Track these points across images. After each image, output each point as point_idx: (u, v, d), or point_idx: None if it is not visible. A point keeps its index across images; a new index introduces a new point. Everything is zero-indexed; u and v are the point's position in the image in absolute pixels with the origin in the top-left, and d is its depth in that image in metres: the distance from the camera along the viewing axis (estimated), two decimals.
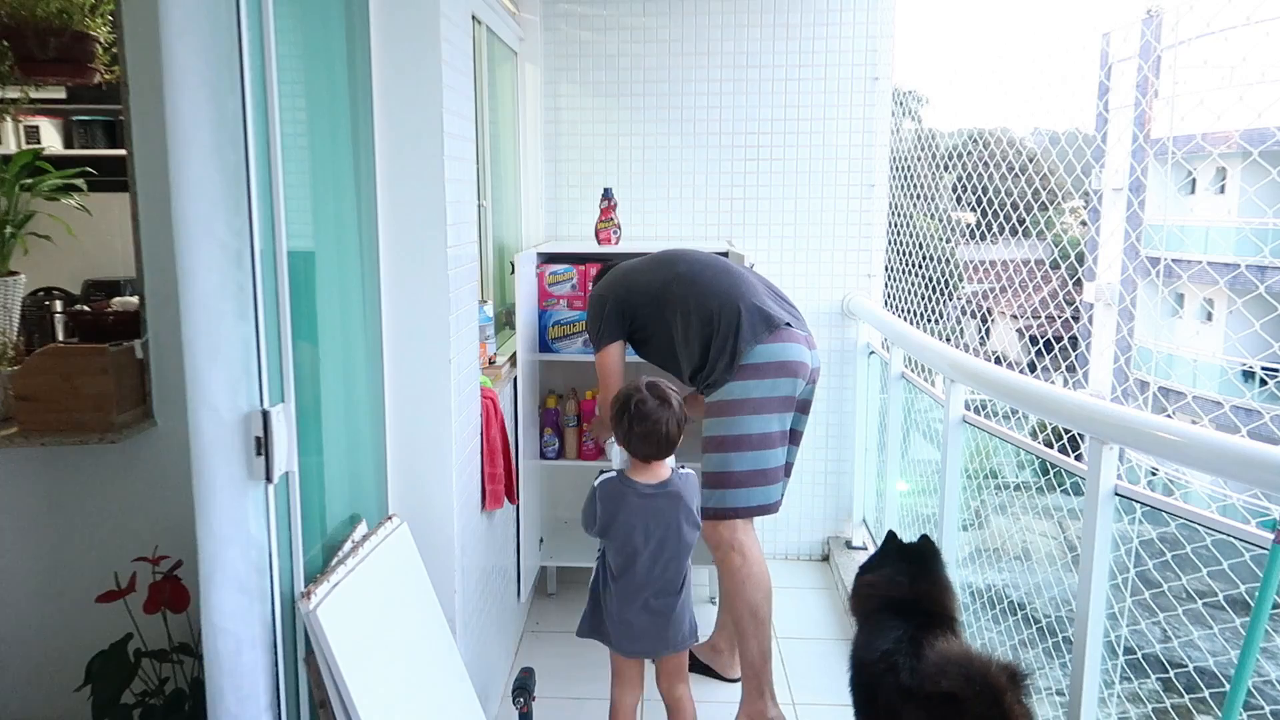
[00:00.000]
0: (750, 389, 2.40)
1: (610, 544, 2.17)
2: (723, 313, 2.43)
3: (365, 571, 1.62)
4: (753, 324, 2.41)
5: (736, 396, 2.41)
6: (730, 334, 2.41)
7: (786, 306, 2.56)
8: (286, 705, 1.48)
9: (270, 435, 1.37)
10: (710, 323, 2.44)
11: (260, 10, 1.36)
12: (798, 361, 2.43)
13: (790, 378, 2.42)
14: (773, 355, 2.40)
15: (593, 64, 3.60)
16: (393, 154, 1.90)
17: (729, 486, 2.44)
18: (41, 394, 1.96)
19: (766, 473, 2.44)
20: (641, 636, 2.18)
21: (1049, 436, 2.32)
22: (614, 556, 2.17)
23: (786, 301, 2.59)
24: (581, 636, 2.27)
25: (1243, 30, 3.15)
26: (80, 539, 2.11)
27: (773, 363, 2.40)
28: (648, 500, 2.13)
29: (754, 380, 2.40)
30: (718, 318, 2.43)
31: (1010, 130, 4.69)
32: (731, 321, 2.42)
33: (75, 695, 1.89)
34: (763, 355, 2.40)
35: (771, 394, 2.41)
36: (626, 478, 2.15)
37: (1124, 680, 2.07)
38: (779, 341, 2.41)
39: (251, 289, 1.35)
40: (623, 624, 2.18)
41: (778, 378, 2.40)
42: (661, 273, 2.59)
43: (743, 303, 2.43)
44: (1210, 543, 1.72)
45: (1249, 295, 3.24)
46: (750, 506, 2.45)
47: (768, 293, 2.55)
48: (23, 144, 3.08)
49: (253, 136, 1.34)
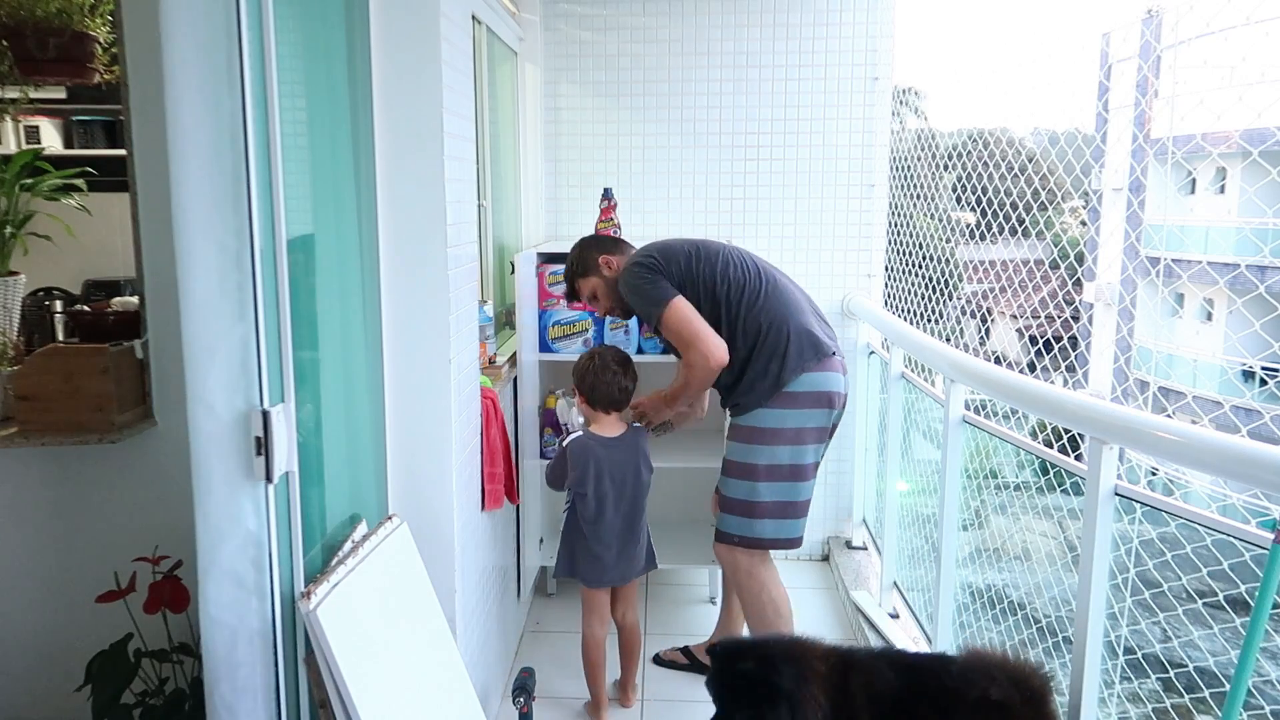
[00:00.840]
0: (786, 418, 2.32)
1: (582, 493, 2.50)
2: (770, 332, 2.32)
3: (365, 571, 1.62)
4: (800, 350, 2.31)
5: (772, 425, 2.33)
6: (776, 356, 2.31)
7: (828, 329, 2.44)
8: (286, 705, 1.48)
9: (270, 435, 1.37)
10: (756, 338, 2.33)
11: (260, 10, 1.36)
12: (836, 392, 2.36)
13: (827, 409, 2.35)
14: (815, 385, 2.32)
15: (593, 64, 3.60)
16: (393, 154, 1.90)
17: (756, 516, 2.37)
18: (42, 394, 1.96)
19: (796, 505, 2.39)
20: (610, 568, 2.54)
21: (1049, 436, 2.32)
22: (586, 503, 2.49)
23: (826, 322, 2.47)
24: (559, 576, 2.67)
25: (1243, 30, 3.15)
26: (80, 539, 2.11)
27: (813, 393, 2.32)
28: (610, 450, 2.50)
29: (792, 410, 2.32)
30: (764, 335, 2.32)
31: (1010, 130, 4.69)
32: (778, 343, 2.31)
33: (75, 695, 1.89)
34: (806, 384, 2.31)
35: (808, 424, 2.33)
36: (591, 433, 2.52)
37: (1124, 680, 2.07)
38: (824, 371, 2.32)
39: (251, 289, 1.35)
40: (594, 559, 2.52)
41: (815, 408, 2.33)
42: (716, 268, 2.39)
43: (792, 324, 2.32)
44: (1210, 543, 1.72)
45: (1249, 295, 3.24)
46: (777, 539, 2.39)
47: (813, 312, 2.44)
48: (23, 144, 3.08)
49: (253, 136, 1.34)
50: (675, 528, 3.54)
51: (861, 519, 3.68)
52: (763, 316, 2.34)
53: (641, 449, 2.55)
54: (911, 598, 2.99)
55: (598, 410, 2.53)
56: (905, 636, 2.84)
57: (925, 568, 2.87)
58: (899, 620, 2.96)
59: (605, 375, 2.49)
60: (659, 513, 3.39)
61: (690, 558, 3.37)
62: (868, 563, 3.51)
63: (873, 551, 3.57)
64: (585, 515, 2.51)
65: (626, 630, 2.66)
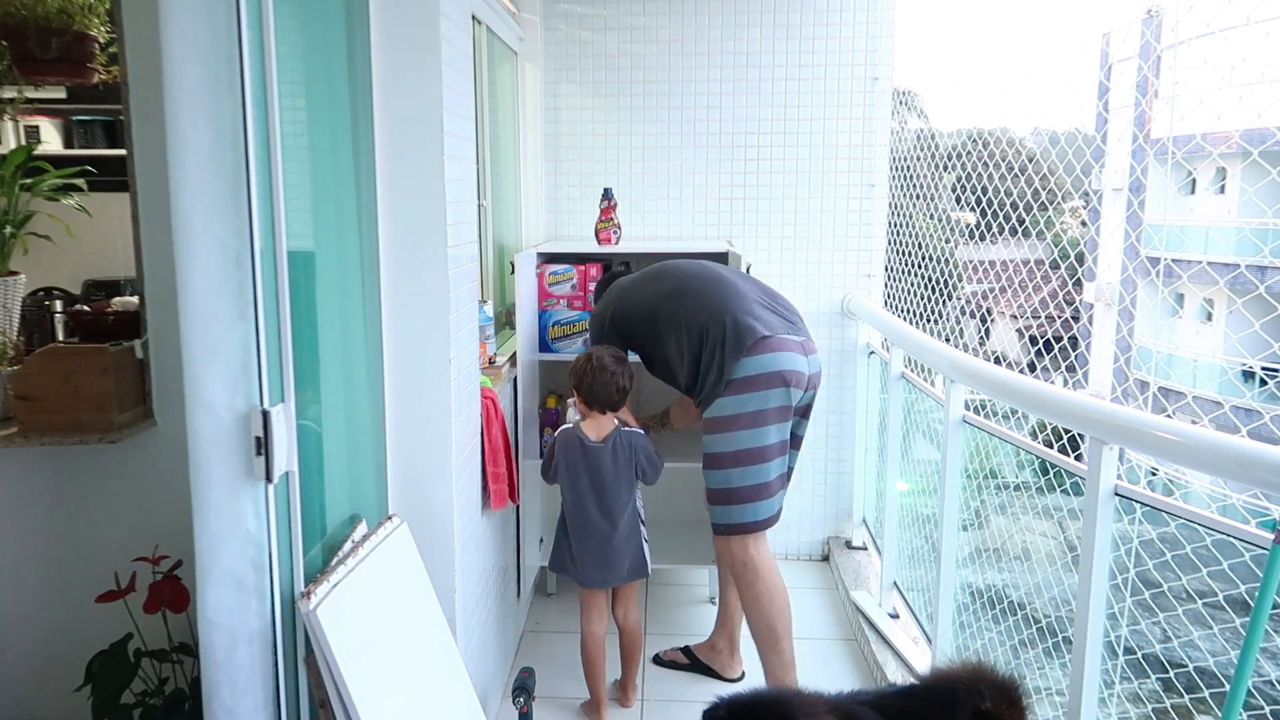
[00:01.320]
0: (743, 403, 2.39)
1: (564, 490, 2.56)
2: (709, 327, 2.42)
3: (365, 571, 1.62)
4: (738, 337, 2.39)
5: (730, 412, 2.40)
6: (716, 348, 2.40)
7: (781, 313, 2.52)
8: (287, 705, 1.48)
9: (270, 435, 1.37)
10: (699, 338, 2.44)
11: (260, 10, 1.36)
12: (790, 370, 2.39)
13: (783, 387, 2.39)
14: (762, 367, 2.38)
15: (593, 64, 3.60)
16: (393, 154, 1.90)
17: (733, 503, 2.43)
18: (41, 394, 1.96)
19: (765, 486, 2.43)
20: (595, 569, 2.56)
21: (1049, 436, 2.32)
22: (567, 502, 2.56)
23: (781, 306, 2.55)
24: (553, 570, 2.68)
25: (1243, 30, 3.15)
26: (80, 539, 2.11)
27: (762, 375, 2.38)
28: (592, 452, 2.53)
29: (745, 394, 2.38)
30: (705, 333, 2.43)
31: (1010, 130, 4.69)
32: (717, 336, 2.40)
33: (75, 695, 1.89)
34: (751, 368, 2.37)
35: (764, 406, 2.38)
36: (580, 430, 2.56)
37: (1124, 680, 2.07)
38: (767, 352, 2.38)
39: (251, 289, 1.35)
40: (580, 559, 2.56)
41: (769, 389, 2.38)
42: (652, 290, 2.60)
43: (728, 316, 2.41)
44: (1210, 543, 1.72)
45: (1249, 295, 3.24)
46: (757, 521, 2.44)
47: (760, 300, 2.51)
48: (22, 144, 3.08)
49: (252, 136, 1.34)
50: (675, 528, 3.54)
51: (861, 519, 3.68)
52: (701, 317, 2.45)
53: (626, 454, 2.54)
54: (911, 598, 2.99)
55: (593, 410, 2.55)
56: (905, 637, 2.84)
57: (925, 568, 2.87)
58: (899, 620, 2.96)
59: (603, 375, 2.51)
60: (659, 513, 3.39)
61: (690, 558, 3.37)
62: (868, 563, 3.51)
63: (873, 551, 3.57)
64: (567, 511, 2.57)
65: (627, 631, 2.67)
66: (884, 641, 2.87)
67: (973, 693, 1.58)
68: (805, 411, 2.53)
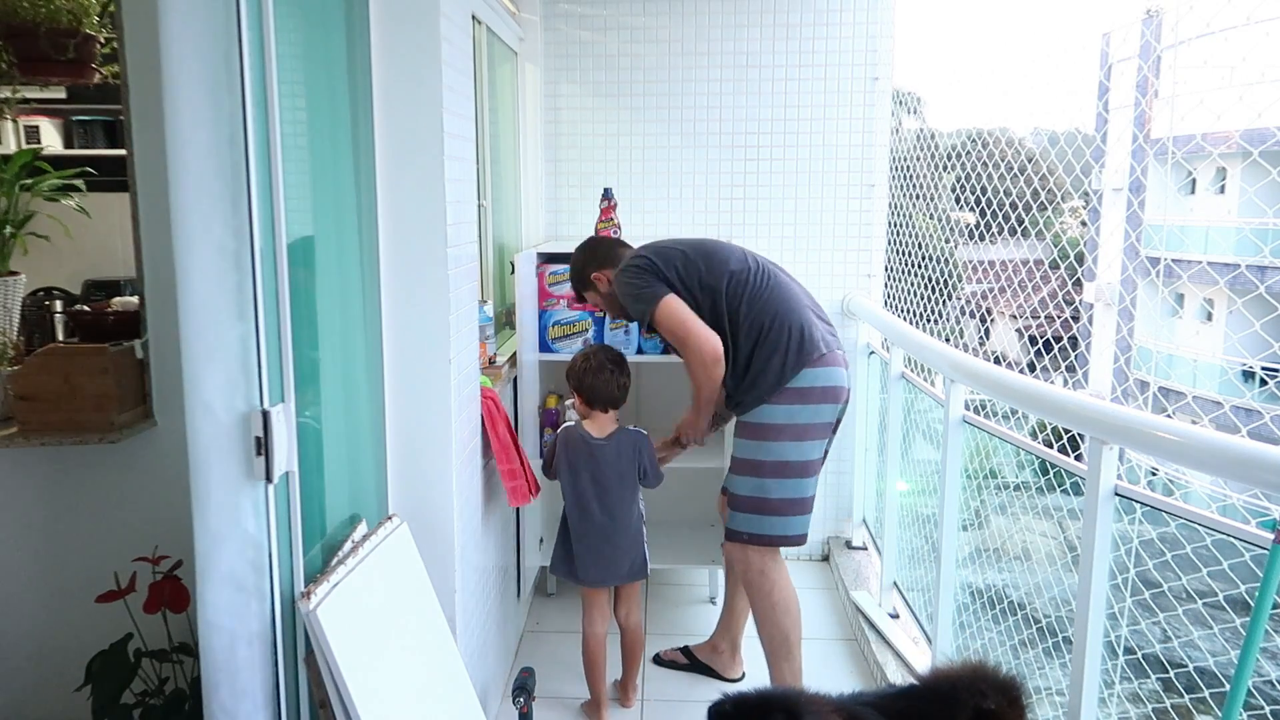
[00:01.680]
0: (794, 414, 2.32)
1: (565, 489, 2.56)
2: (772, 328, 2.33)
3: (365, 571, 1.62)
4: (802, 346, 2.31)
5: (779, 421, 2.33)
6: (779, 352, 2.32)
7: (828, 321, 2.46)
8: (287, 705, 1.48)
9: (270, 435, 1.37)
10: (759, 335, 2.34)
11: (260, 10, 1.36)
12: (840, 386, 2.37)
13: (833, 404, 2.36)
14: (818, 380, 2.32)
15: (593, 64, 3.60)
16: (393, 154, 1.90)
17: (766, 513, 2.37)
18: (41, 394, 1.95)
19: (803, 501, 2.39)
20: (596, 567, 2.55)
21: (1049, 436, 2.32)
22: (569, 500, 2.55)
23: (827, 319, 2.48)
24: (553, 573, 2.69)
25: (1243, 30, 3.15)
26: (80, 539, 2.11)
27: (818, 388, 2.32)
28: (595, 450, 2.52)
29: (798, 405, 2.32)
30: (766, 332, 2.33)
31: (1010, 130, 4.69)
32: (780, 339, 2.32)
33: (75, 695, 1.89)
34: (810, 380, 2.32)
35: (814, 420, 2.34)
36: (582, 428, 2.55)
37: (1124, 680, 2.07)
38: (827, 365, 2.33)
39: (251, 289, 1.35)
40: (581, 558, 2.55)
41: (821, 404, 2.33)
42: (716, 265, 2.41)
43: (793, 320, 2.33)
44: (1210, 543, 1.72)
45: (1249, 295, 3.24)
46: (788, 536, 2.39)
47: (812, 308, 2.44)
48: (23, 144, 3.08)
49: (252, 136, 1.34)
50: (675, 528, 3.54)
51: (861, 519, 3.68)
52: (765, 313, 2.35)
53: (629, 454, 2.53)
54: (911, 598, 2.99)
55: (595, 409, 2.54)
56: (905, 637, 2.84)
57: (925, 568, 2.87)
58: (899, 620, 2.96)
59: (603, 375, 2.50)
60: (659, 513, 3.39)
61: (690, 558, 3.37)
62: (868, 563, 3.51)
63: (873, 551, 3.57)
64: (568, 508, 2.56)
65: (629, 632, 2.67)
66: (884, 641, 2.87)
67: (974, 691, 1.58)
68: (837, 427, 2.47)
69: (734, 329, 2.37)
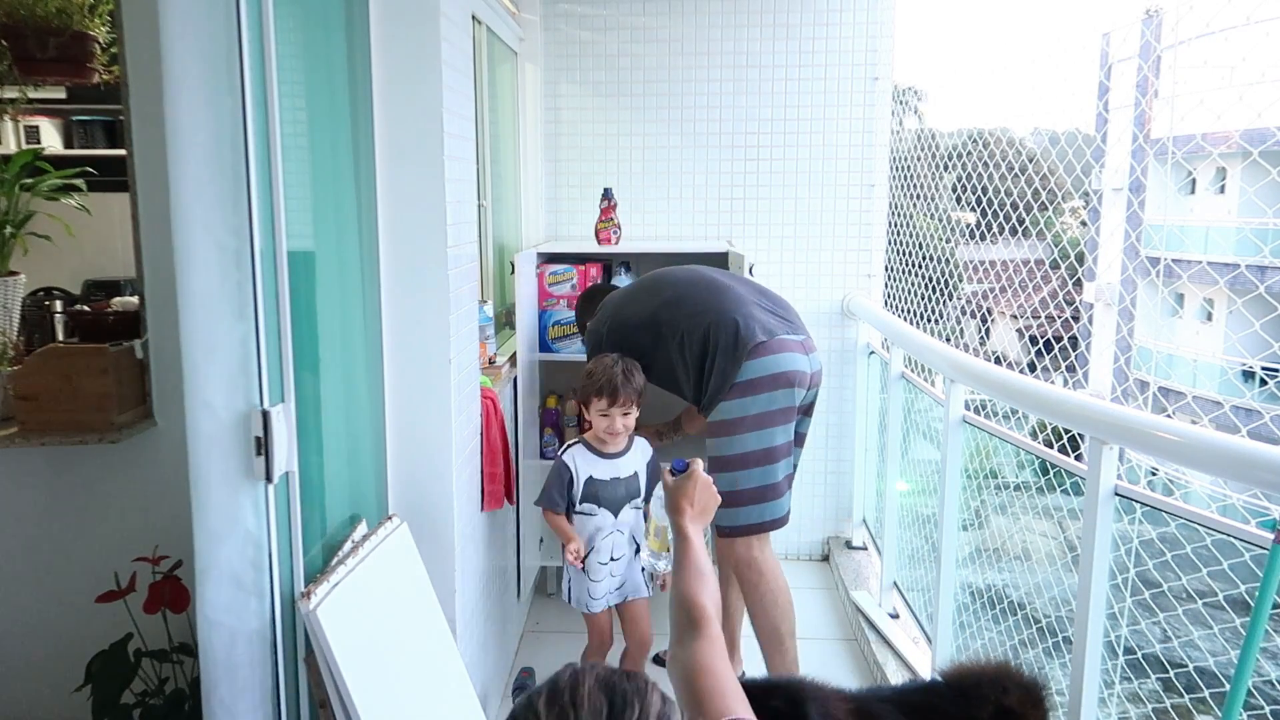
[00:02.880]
0: (747, 405, 2.39)
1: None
2: (710, 332, 2.41)
3: (365, 571, 1.62)
4: (739, 341, 2.38)
5: (735, 415, 2.40)
6: (721, 352, 2.40)
7: (779, 313, 2.52)
8: (286, 705, 1.48)
9: (270, 435, 1.37)
10: (702, 344, 2.43)
11: (260, 10, 1.36)
12: (793, 371, 2.40)
13: (787, 388, 2.39)
14: (765, 369, 2.38)
15: (593, 64, 3.60)
16: (393, 154, 1.90)
17: (739, 504, 2.42)
18: (42, 394, 1.96)
19: (774, 487, 2.43)
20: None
21: (1049, 436, 2.32)
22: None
23: (780, 306, 2.55)
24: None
25: (1243, 30, 3.15)
26: (80, 539, 2.11)
27: (766, 376, 2.38)
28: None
29: (750, 397, 2.38)
30: (707, 338, 2.42)
31: (1010, 130, 4.69)
32: (718, 341, 2.40)
33: (75, 695, 1.89)
34: (755, 370, 2.38)
35: (769, 408, 2.39)
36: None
37: (1124, 680, 2.07)
38: (770, 354, 2.39)
39: (251, 289, 1.35)
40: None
41: (774, 390, 2.38)
42: (650, 299, 2.58)
43: (728, 319, 2.41)
44: (1210, 543, 1.72)
45: (1249, 295, 3.24)
46: (762, 522, 2.44)
47: (758, 302, 2.51)
48: (23, 144, 3.08)
49: (252, 136, 1.34)
50: None
51: (861, 519, 3.68)
52: (702, 323, 2.44)
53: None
54: (911, 598, 2.99)
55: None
56: (905, 637, 2.84)
57: (925, 568, 2.87)
58: (899, 620, 2.96)
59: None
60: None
61: None
62: (868, 563, 3.51)
63: (873, 551, 3.57)
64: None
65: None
66: (884, 641, 2.87)
67: (996, 687, 1.58)
68: (808, 410, 2.53)
69: (681, 348, 2.47)
